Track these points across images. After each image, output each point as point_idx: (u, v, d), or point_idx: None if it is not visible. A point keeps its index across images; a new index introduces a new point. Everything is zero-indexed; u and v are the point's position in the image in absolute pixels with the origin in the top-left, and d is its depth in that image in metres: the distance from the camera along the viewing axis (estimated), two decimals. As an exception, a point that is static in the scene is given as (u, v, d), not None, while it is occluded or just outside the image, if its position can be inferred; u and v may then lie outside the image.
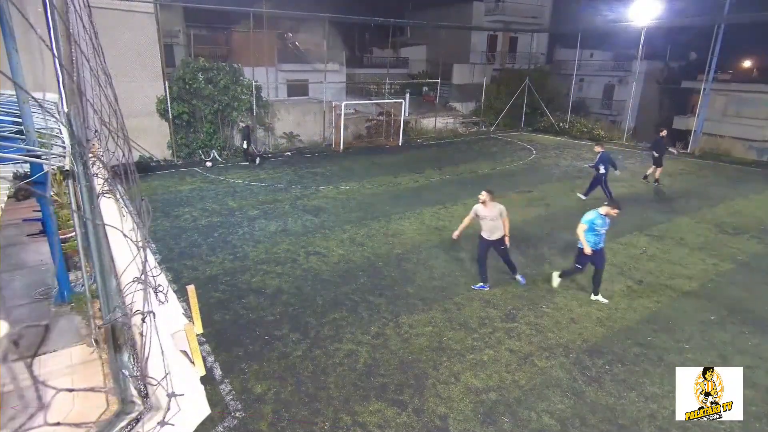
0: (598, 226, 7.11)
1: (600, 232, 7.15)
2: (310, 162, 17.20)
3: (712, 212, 12.17)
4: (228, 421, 4.81)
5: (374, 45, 35.10)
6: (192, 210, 11.43)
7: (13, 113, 4.65)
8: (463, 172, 16.18)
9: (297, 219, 10.94)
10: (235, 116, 17.52)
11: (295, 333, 6.44)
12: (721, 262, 9.04)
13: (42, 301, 6.11)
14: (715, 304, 7.48)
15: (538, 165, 17.67)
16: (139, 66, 15.11)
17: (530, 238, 10.04)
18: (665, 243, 9.97)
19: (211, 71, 16.60)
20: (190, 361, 2.86)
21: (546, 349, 6.19)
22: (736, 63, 28.72)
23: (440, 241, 9.80)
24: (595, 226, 7.10)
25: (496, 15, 30.76)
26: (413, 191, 13.62)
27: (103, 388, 2.34)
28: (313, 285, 7.82)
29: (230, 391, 5.26)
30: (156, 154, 16.20)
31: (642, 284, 8.10)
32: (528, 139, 23.55)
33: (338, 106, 19.75)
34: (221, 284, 7.77)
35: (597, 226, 7.10)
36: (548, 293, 7.71)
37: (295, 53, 24.06)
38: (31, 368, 3.41)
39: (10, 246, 6.96)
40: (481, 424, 4.88)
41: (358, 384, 5.44)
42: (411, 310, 7.10)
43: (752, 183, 15.41)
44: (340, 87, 23.10)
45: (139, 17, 14.87)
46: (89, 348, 4.79)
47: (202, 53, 18.63)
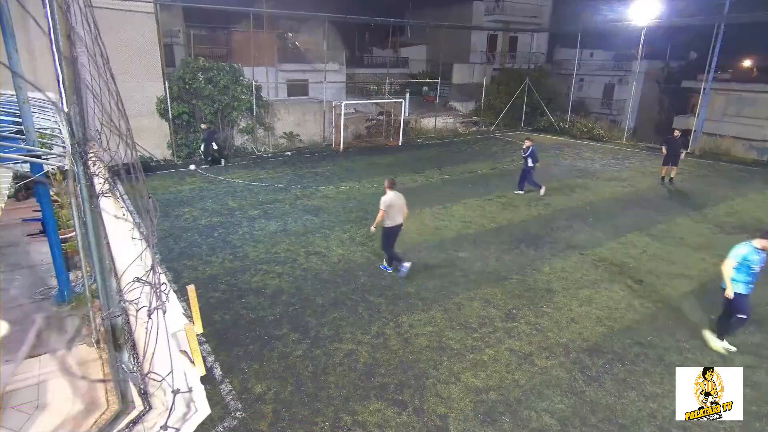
0: (754, 263, 5.70)
1: (755, 271, 5.75)
2: (310, 162, 17.20)
3: (712, 212, 12.16)
4: (228, 421, 4.81)
5: (374, 45, 35.11)
6: (192, 210, 11.44)
7: (13, 113, 4.65)
8: (463, 172, 16.17)
9: (297, 219, 10.95)
10: (235, 116, 17.53)
11: (295, 333, 6.44)
12: (722, 262, 9.02)
13: (42, 301, 6.11)
14: (715, 304, 7.46)
15: (538, 164, 17.63)
16: (139, 66, 15.11)
17: (530, 238, 10.04)
18: (665, 243, 9.97)
19: (211, 71, 16.60)
20: (191, 361, 2.87)
21: (546, 349, 6.19)
22: (736, 63, 28.69)
23: (440, 241, 9.80)
24: (749, 262, 5.72)
25: (496, 15, 30.74)
26: (413, 191, 13.61)
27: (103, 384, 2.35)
28: (313, 285, 7.82)
29: (230, 391, 5.26)
30: (156, 154, 16.20)
31: (642, 284, 8.10)
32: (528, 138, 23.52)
33: (338, 106, 19.75)
34: (221, 284, 7.77)
35: (752, 262, 5.71)
36: (548, 293, 7.71)
37: (295, 53, 24.06)
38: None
39: (10, 246, 6.96)
40: (481, 423, 4.88)
41: (358, 384, 5.44)
42: (411, 310, 7.10)
43: (752, 183, 15.40)
44: (340, 87, 23.09)
45: (139, 17, 14.87)
46: (89, 348, 4.79)
47: (202, 53, 18.63)
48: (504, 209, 12.02)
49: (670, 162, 14.49)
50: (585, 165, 17.62)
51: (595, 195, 13.60)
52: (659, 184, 14.67)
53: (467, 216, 11.36)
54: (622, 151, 20.68)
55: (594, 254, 9.30)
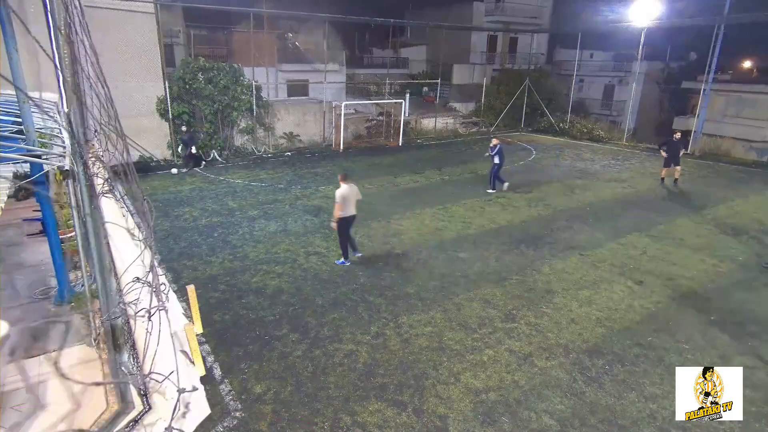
0: None
1: None
2: (310, 162, 17.20)
3: (712, 213, 12.17)
4: (228, 421, 4.80)
5: (374, 45, 35.11)
6: (192, 210, 11.44)
7: (13, 113, 4.65)
8: (463, 172, 16.17)
9: (297, 219, 10.95)
10: (235, 116, 17.53)
11: (294, 333, 6.44)
12: (721, 263, 9.04)
13: (42, 301, 6.10)
14: (715, 305, 7.48)
15: (538, 165, 17.66)
16: (139, 66, 15.12)
17: (530, 239, 10.04)
18: (665, 243, 9.97)
19: (211, 71, 16.60)
20: (190, 361, 2.87)
21: (546, 350, 6.19)
22: (736, 63, 28.70)
23: (440, 241, 9.80)
24: None
25: (496, 15, 30.77)
26: (413, 191, 13.61)
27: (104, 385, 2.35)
28: (312, 285, 7.82)
29: (230, 391, 5.26)
30: (156, 154, 16.19)
31: (642, 284, 8.10)
32: (528, 139, 23.55)
33: (338, 106, 19.76)
34: (221, 284, 7.77)
35: None
36: (548, 294, 7.71)
37: (295, 53, 24.07)
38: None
39: (10, 246, 6.96)
40: (480, 424, 4.88)
41: (357, 384, 5.44)
42: (411, 310, 7.10)
43: (752, 184, 15.40)
44: (340, 87, 23.10)
45: (140, 17, 14.88)
46: (89, 348, 4.78)
47: (202, 53, 18.63)
48: (504, 210, 12.02)
49: (672, 162, 14.49)
50: (585, 166, 17.62)
51: (595, 196, 13.60)
52: (660, 186, 14.66)
53: (467, 216, 11.36)
54: (622, 152, 20.69)
55: (594, 255, 9.30)
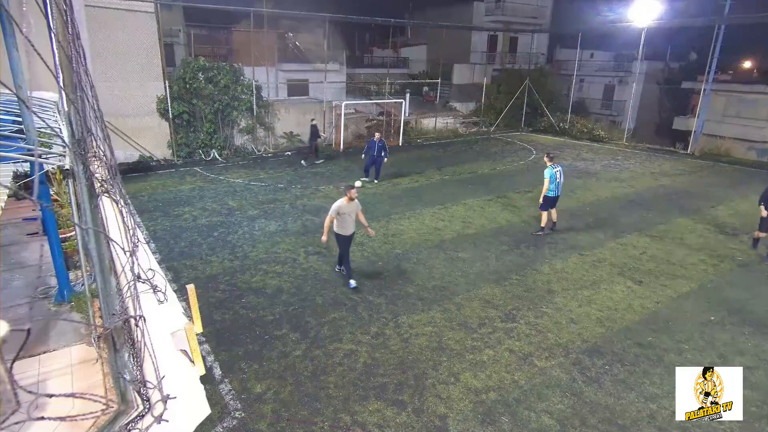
0: None
1: None
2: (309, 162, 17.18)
3: (712, 213, 12.17)
4: (228, 421, 4.81)
5: (374, 45, 35.11)
6: (192, 209, 11.43)
7: (13, 113, 4.65)
8: (463, 172, 16.17)
9: (297, 219, 10.94)
10: (236, 116, 17.52)
11: (294, 333, 6.44)
12: (721, 263, 9.04)
13: (42, 301, 6.10)
14: (714, 305, 7.48)
15: (538, 165, 17.65)
16: (139, 65, 15.12)
17: (530, 239, 10.04)
18: (665, 243, 9.97)
19: (212, 71, 16.60)
20: (190, 361, 2.86)
21: (546, 350, 6.19)
22: (736, 64, 28.67)
23: (440, 241, 9.80)
24: None
25: (497, 15, 30.73)
26: (413, 191, 13.61)
27: (102, 398, 2.34)
28: (312, 285, 7.82)
29: (230, 391, 5.26)
30: (156, 154, 16.20)
31: (642, 284, 8.10)
32: (528, 139, 23.54)
33: (338, 106, 19.75)
34: (221, 284, 7.77)
35: None
36: (548, 294, 7.71)
37: (296, 53, 24.06)
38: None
39: (10, 245, 6.95)
40: (480, 424, 4.88)
41: (357, 384, 5.44)
42: (411, 310, 7.10)
43: (752, 184, 15.39)
44: (341, 87, 23.09)
45: (140, 17, 14.87)
46: (89, 347, 4.79)
47: (202, 53, 18.65)
48: (504, 210, 12.02)
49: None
50: (585, 166, 17.62)
51: (595, 195, 13.61)
52: (752, 248, 9.88)
53: (467, 216, 11.36)
54: (622, 152, 20.69)
55: (594, 255, 9.30)
